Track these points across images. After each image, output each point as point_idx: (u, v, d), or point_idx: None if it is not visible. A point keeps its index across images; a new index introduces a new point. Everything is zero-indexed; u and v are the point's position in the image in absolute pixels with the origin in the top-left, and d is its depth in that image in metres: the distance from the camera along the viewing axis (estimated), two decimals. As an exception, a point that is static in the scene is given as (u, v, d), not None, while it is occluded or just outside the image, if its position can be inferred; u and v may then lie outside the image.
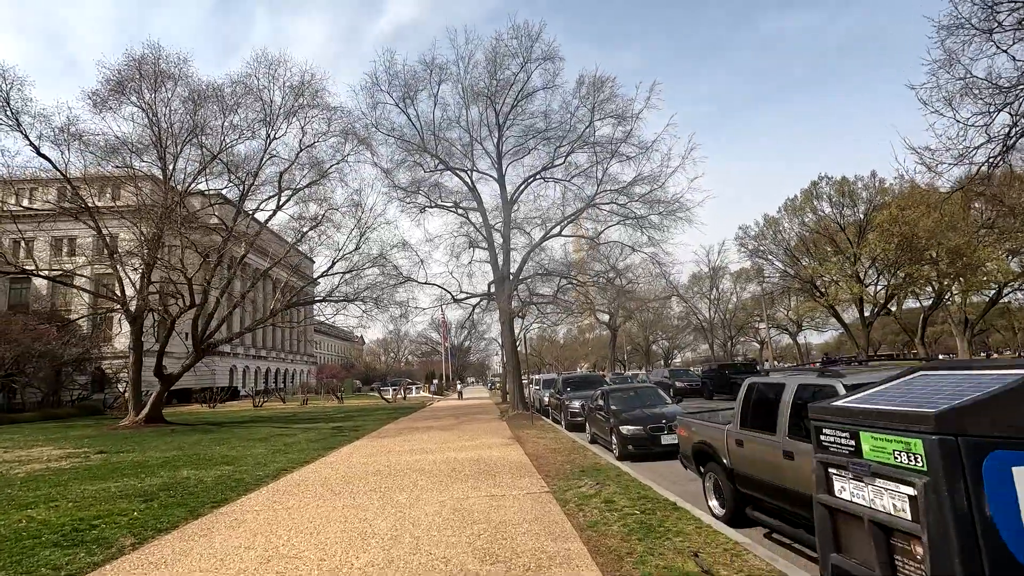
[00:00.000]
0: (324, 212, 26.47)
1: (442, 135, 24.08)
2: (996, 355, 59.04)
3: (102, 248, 23.85)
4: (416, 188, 24.84)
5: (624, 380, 29.45)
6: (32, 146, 21.61)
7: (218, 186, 26.56)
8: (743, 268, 53.55)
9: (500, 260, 24.41)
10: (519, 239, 25.52)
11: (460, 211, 25.44)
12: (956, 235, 25.12)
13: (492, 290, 25.58)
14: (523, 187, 25.04)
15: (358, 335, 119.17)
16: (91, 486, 9.36)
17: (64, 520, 6.92)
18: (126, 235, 24.75)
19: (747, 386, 5.79)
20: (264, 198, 26.14)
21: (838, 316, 38.50)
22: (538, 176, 24.71)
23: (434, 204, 25.20)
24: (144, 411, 23.11)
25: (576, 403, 17.00)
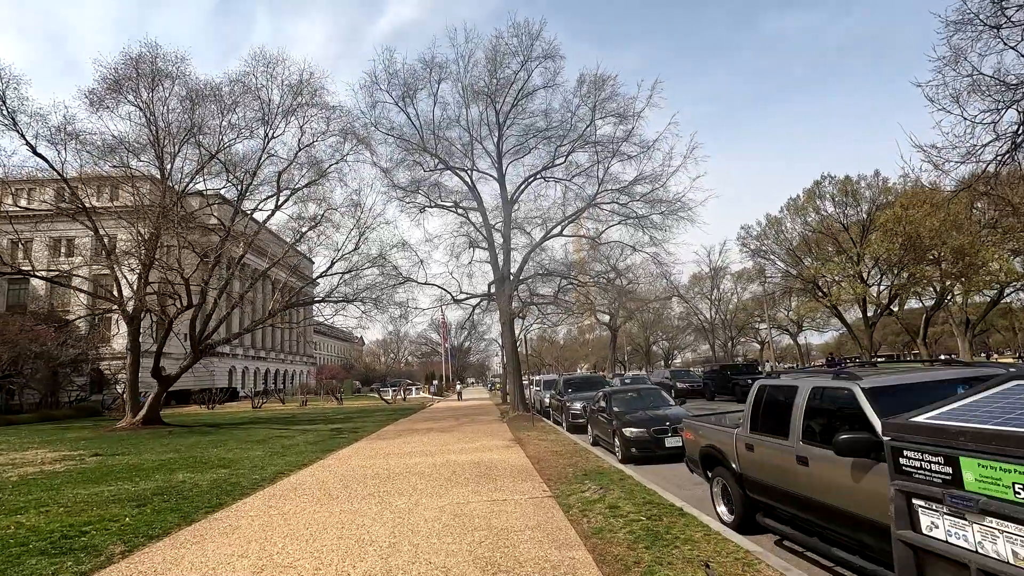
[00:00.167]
0: (323, 212, 26.28)
1: (442, 134, 23.93)
2: (996, 356, 58.78)
3: (100, 248, 23.63)
4: (416, 188, 24.67)
5: (639, 380, 28.24)
6: (28, 145, 21.42)
7: (216, 186, 26.38)
8: (744, 268, 53.40)
9: (500, 260, 24.22)
10: (519, 239, 25.38)
11: (460, 211, 25.27)
12: (960, 235, 24.93)
13: (492, 290, 25.39)
14: (523, 187, 24.90)
15: (358, 336, 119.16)
16: (84, 490, 9.18)
17: (54, 526, 6.73)
18: (124, 235, 24.54)
19: (757, 388, 5.60)
20: (263, 198, 25.98)
21: (841, 316, 38.30)
22: (539, 176, 24.56)
23: (434, 204, 25.03)
24: (141, 413, 22.91)
25: (577, 404, 16.83)
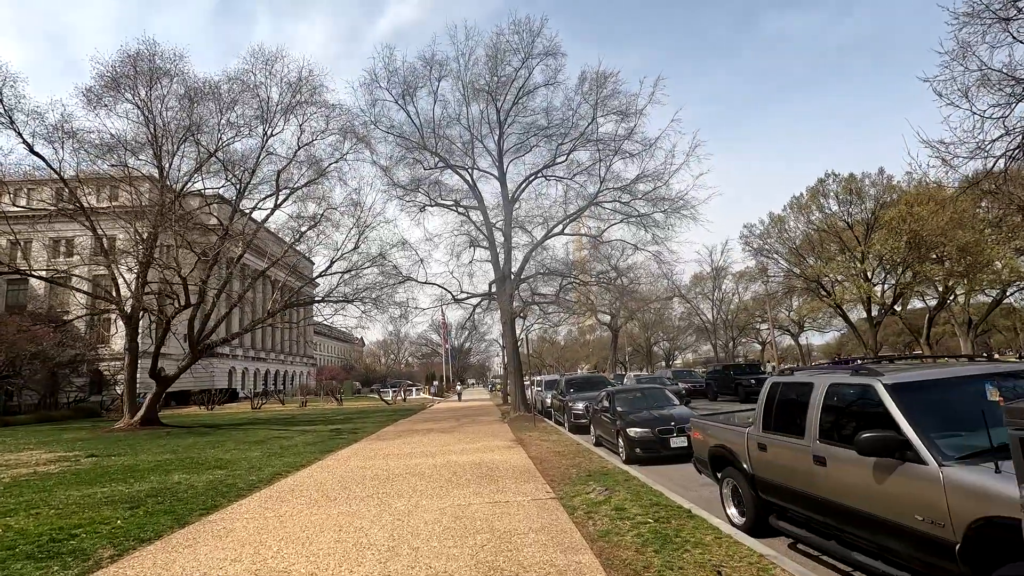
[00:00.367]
0: (323, 211, 26.05)
1: (442, 132, 23.72)
2: (998, 356, 58.56)
3: (98, 248, 23.42)
4: (416, 186, 24.47)
5: (655, 380, 25.88)
6: (25, 144, 21.19)
7: (215, 185, 26.20)
8: (746, 268, 53.12)
9: (501, 259, 24.01)
10: (521, 238, 25.16)
11: (461, 210, 25.06)
12: (965, 233, 24.68)
13: (493, 290, 25.18)
14: (524, 185, 24.70)
15: (358, 337, 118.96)
16: (77, 492, 8.99)
17: (43, 529, 6.54)
18: (123, 235, 24.34)
19: (770, 386, 5.39)
20: (262, 197, 25.77)
21: (845, 316, 37.99)
22: (540, 174, 24.36)
23: (434, 203, 24.83)
24: (139, 413, 22.71)
25: (580, 404, 16.63)
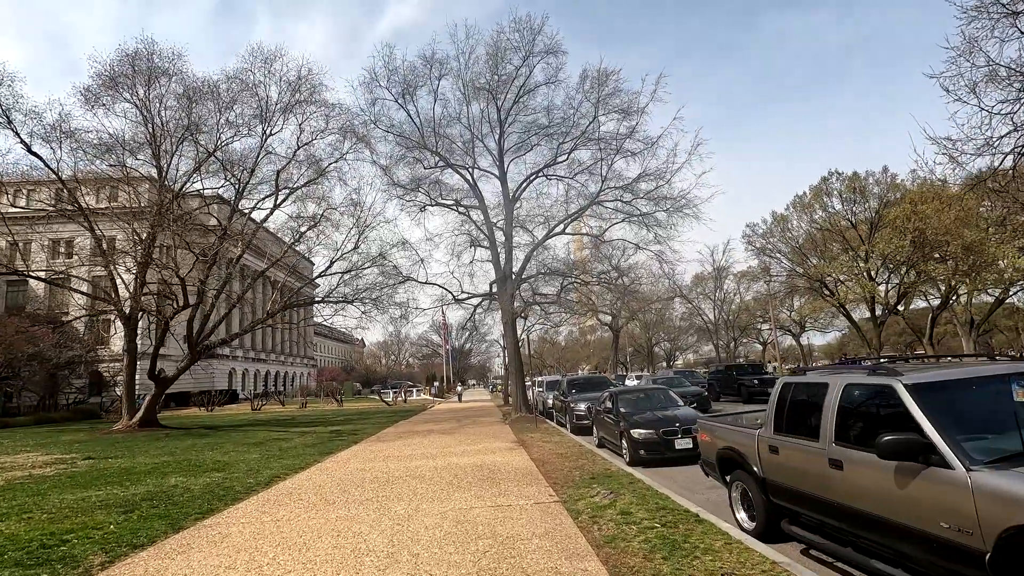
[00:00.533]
0: (322, 211, 25.86)
1: (442, 132, 23.60)
2: (999, 356, 58.16)
3: (97, 249, 23.27)
4: (416, 186, 24.33)
5: (673, 381, 23.52)
6: (23, 143, 21.03)
7: (214, 185, 26.06)
8: (748, 268, 52.91)
9: (502, 259, 23.86)
10: (522, 237, 25.05)
11: (461, 209, 24.93)
12: (970, 231, 24.47)
13: (494, 290, 25.02)
14: (525, 184, 24.56)
15: (358, 337, 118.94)
16: (71, 495, 8.83)
17: (34, 534, 6.38)
18: (122, 236, 24.19)
19: (782, 386, 5.22)
20: (261, 197, 25.60)
21: (849, 315, 37.75)
22: (541, 173, 24.23)
23: (434, 202, 24.69)
24: (138, 415, 22.55)
25: (582, 405, 16.47)
